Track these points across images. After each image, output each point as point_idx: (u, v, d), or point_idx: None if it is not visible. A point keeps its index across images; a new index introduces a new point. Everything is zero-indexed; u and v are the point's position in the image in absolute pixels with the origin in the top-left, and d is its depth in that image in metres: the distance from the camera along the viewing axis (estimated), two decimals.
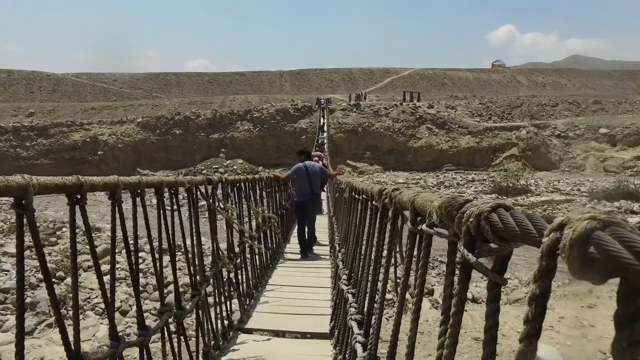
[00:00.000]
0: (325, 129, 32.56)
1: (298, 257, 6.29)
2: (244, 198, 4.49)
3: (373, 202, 2.00)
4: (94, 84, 70.91)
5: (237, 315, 3.68)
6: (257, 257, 4.69)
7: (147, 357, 1.98)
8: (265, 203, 5.82)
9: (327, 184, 9.57)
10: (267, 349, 3.16)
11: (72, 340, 1.39)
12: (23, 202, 1.05)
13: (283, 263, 5.98)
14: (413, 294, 1.00)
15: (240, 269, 3.94)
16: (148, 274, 7.29)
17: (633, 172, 25.98)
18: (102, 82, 72.81)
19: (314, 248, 6.60)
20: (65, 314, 5.74)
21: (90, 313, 6.09)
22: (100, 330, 5.50)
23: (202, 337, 2.82)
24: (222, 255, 3.30)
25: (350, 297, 2.35)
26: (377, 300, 1.60)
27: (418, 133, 33.96)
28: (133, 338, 1.98)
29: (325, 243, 6.86)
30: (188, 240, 2.77)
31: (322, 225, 7.69)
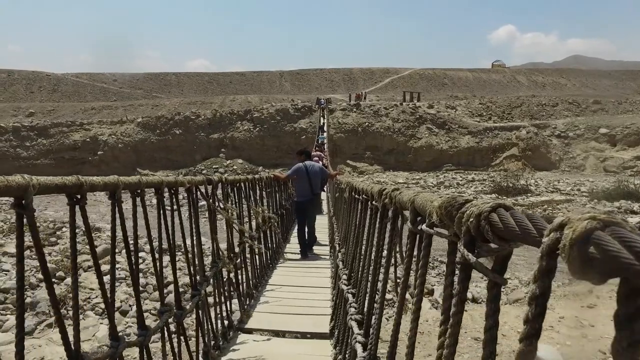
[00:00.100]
0: (325, 129, 32.56)
1: (298, 257, 6.29)
2: (244, 198, 4.49)
3: (373, 202, 2.00)
4: (94, 84, 70.92)
5: (237, 315, 3.68)
6: (257, 257, 4.69)
7: (147, 357, 1.98)
8: (265, 203, 5.82)
9: (327, 184, 9.57)
10: (267, 349, 3.16)
11: (72, 341, 1.40)
12: (23, 202, 1.05)
13: (283, 263, 5.98)
14: (413, 294, 1.00)
15: (240, 269, 3.94)
16: (148, 274, 7.29)
17: (633, 172, 25.98)
18: (102, 82, 72.82)
19: (314, 248, 6.60)
20: (66, 314, 5.74)
21: (91, 313, 6.09)
22: (101, 330, 5.50)
23: (202, 337, 2.82)
24: (222, 255, 3.30)
25: (350, 297, 2.35)
26: (377, 300, 1.60)
27: (418, 133, 33.96)
28: (133, 338, 1.98)
29: (325, 243, 6.86)
30: (188, 240, 2.77)
31: (322, 225, 7.68)
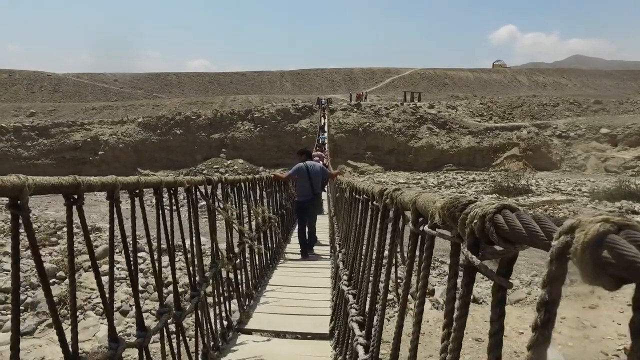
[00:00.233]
0: (326, 129, 32.53)
1: (298, 257, 6.27)
2: (244, 198, 4.48)
3: (374, 202, 1.98)
4: (95, 84, 70.97)
5: (236, 316, 3.67)
6: (256, 257, 4.68)
7: (146, 358, 1.97)
8: (266, 203, 5.80)
9: (327, 184, 9.55)
10: (266, 350, 3.14)
11: (70, 342, 1.38)
12: (18, 202, 1.03)
13: (283, 263, 5.97)
14: (415, 296, 0.98)
15: (240, 269, 3.92)
16: (149, 274, 7.27)
17: (634, 172, 25.95)
18: (103, 82, 72.87)
19: (315, 248, 6.58)
20: (66, 314, 5.75)
21: (91, 313, 6.08)
22: (101, 330, 5.50)
23: (201, 338, 2.80)
24: (221, 256, 3.29)
25: (351, 298, 2.33)
26: (378, 302, 1.58)
27: (419, 133, 33.92)
28: (133, 339, 1.97)
29: (326, 243, 6.85)
30: (187, 241, 2.76)
31: (322, 225, 7.67)
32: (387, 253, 1.52)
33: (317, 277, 5.12)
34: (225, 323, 3.35)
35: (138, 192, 1.89)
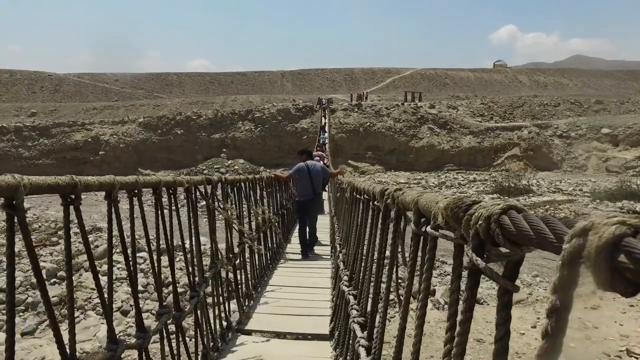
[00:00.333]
0: (327, 129, 32.51)
1: (299, 257, 6.26)
2: (244, 198, 4.46)
3: (375, 202, 1.97)
4: (96, 84, 71.03)
5: (236, 317, 3.65)
6: (256, 257, 4.66)
7: (146, 359, 1.96)
8: (266, 203, 5.79)
9: (328, 184, 9.53)
10: (266, 351, 3.13)
11: (67, 343, 1.37)
12: (14, 202, 1.02)
13: (284, 263, 5.95)
14: (417, 298, 0.97)
15: (240, 270, 3.90)
16: (149, 274, 7.26)
17: (635, 172, 25.89)
18: (103, 82, 72.92)
19: (315, 248, 6.57)
20: (67, 314, 5.74)
21: (92, 313, 6.07)
22: (101, 330, 5.50)
23: (200, 338, 2.79)
24: (220, 256, 3.27)
25: (352, 299, 2.31)
26: (380, 303, 1.56)
27: (419, 133, 33.89)
28: (133, 340, 1.96)
29: (327, 243, 6.83)
30: (187, 241, 2.74)
31: (323, 225, 7.65)
32: (388, 254, 1.50)
33: (317, 277, 5.10)
34: (225, 324, 3.33)
35: (137, 192, 1.88)
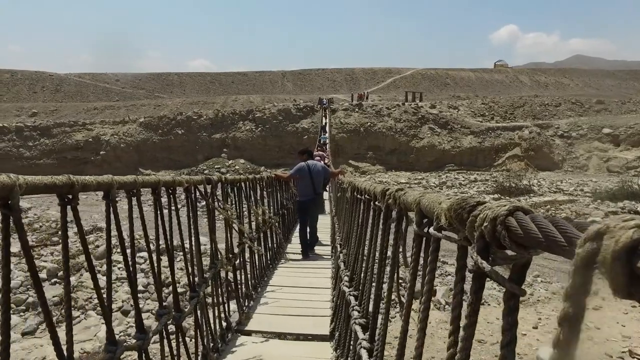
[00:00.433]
0: (327, 129, 32.49)
1: (299, 257, 6.24)
2: (245, 198, 4.44)
3: (376, 202, 1.95)
4: (97, 84, 71.09)
5: (235, 317, 3.64)
6: (256, 257, 4.65)
7: None
8: (266, 203, 5.77)
9: (329, 184, 9.50)
10: (265, 351, 3.11)
11: (65, 345, 1.35)
12: (9, 202, 1.00)
13: (284, 263, 5.94)
14: (420, 300, 0.95)
15: (240, 270, 3.89)
16: (150, 274, 7.25)
17: (637, 172, 25.82)
18: (104, 82, 72.98)
19: (316, 248, 6.55)
20: (71, 312, 5.74)
21: (92, 313, 6.06)
22: (102, 331, 5.49)
23: (200, 339, 2.77)
24: (220, 256, 3.26)
25: (353, 300, 2.30)
26: (382, 306, 1.54)
27: (420, 133, 33.86)
28: (132, 341, 1.94)
29: (327, 243, 6.81)
30: (187, 241, 2.73)
31: (324, 225, 7.64)
32: (390, 254, 1.48)
33: (317, 277, 5.09)
34: (225, 324, 3.32)
35: (135, 192, 1.86)
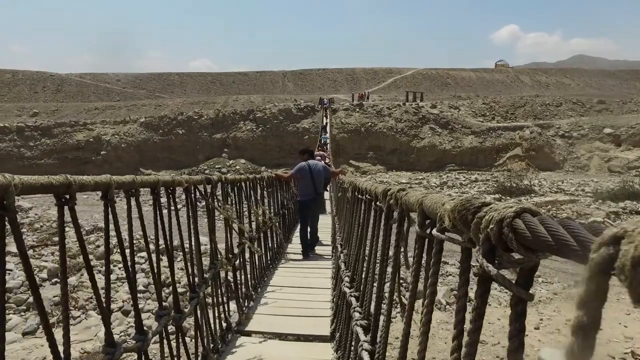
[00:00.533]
0: (328, 129, 32.48)
1: (300, 257, 6.23)
2: (245, 198, 4.43)
3: (377, 202, 1.93)
4: (98, 84, 71.14)
5: (235, 317, 3.62)
6: (256, 257, 4.63)
7: None
8: (267, 203, 5.75)
9: (330, 183, 9.49)
10: (266, 352, 3.10)
11: (62, 347, 1.34)
12: (4, 202, 0.99)
13: (285, 263, 5.92)
14: (423, 303, 0.93)
15: (239, 270, 3.87)
16: (150, 274, 7.23)
17: (638, 172, 25.78)
18: (105, 82, 73.04)
19: (316, 248, 6.54)
20: (68, 314, 5.73)
21: (93, 313, 6.05)
22: (103, 331, 5.46)
23: (200, 340, 2.76)
24: (220, 257, 3.24)
25: (354, 301, 2.28)
26: (384, 308, 1.52)
27: (421, 133, 33.83)
28: (132, 342, 1.93)
29: (328, 243, 6.80)
30: (187, 242, 2.71)
31: (325, 225, 7.62)
32: (392, 256, 1.46)
33: (318, 277, 5.07)
34: (225, 325, 3.30)
35: (134, 191, 1.84)
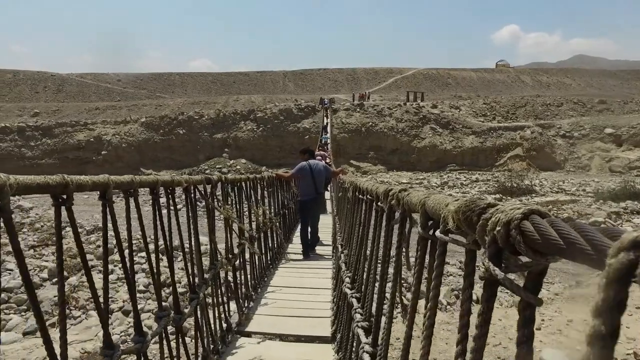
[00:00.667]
0: (329, 129, 32.46)
1: (300, 257, 6.21)
2: (245, 198, 4.41)
3: (378, 203, 1.91)
4: (98, 84, 71.19)
5: (235, 318, 3.60)
6: (256, 258, 4.61)
7: None
8: (267, 203, 5.74)
9: (330, 183, 9.46)
10: (266, 353, 3.08)
11: (59, 349, 1.32)
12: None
13: (285, 264, 5.90)
14: (425, 307, 0.91)
15: (239, 271, 3.85)
16: (150, 274, 7.22)
17: (639, 172, 25.73)
18: (106, 82, 73.08)
19: (317, 248, 6.52)
20: (69, 314, 5.74)
21: (93, 313, 6.04)
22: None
23: (200, 340, 2.74)
24: (220, 257, 3.22)
25: (355, 302, 2.26)
26: (385, 309, 1.50)
27: (422, 133, 33.80)
28: (131, 344, 1.91)
29: (328, 243, 6.78)
30: (187, 242, 2.70)
31: (326, 225, 7.60)
32: (394, 258, 1.44)
33: (318, 277, 5.05)
34: (225, 325, 3.28)
35: (133, 191, 1.83)
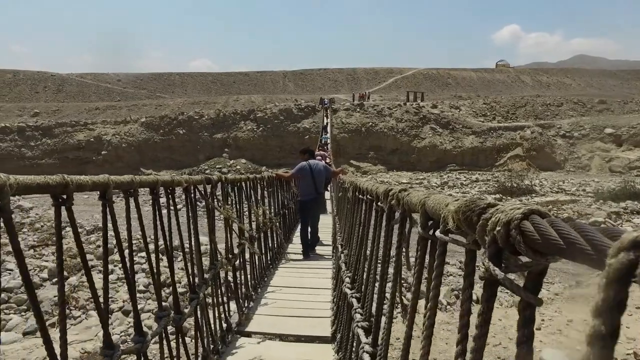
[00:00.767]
0: (329, 129, 32.46)
1: (300, 257, 6.21)
2: (245, 198, 4.41)
3: (378, 203, 1.91)
4: (98, 84, 71.19)
5: (235, 318, 3.60)
6: (256, 258, 4.61)
7: None
8: (267, 203, 5.74)
9: (330, 183, 9.47)
10: (266, 353, 3.08)
11: (59, 350, 1.32)
12: None
13: (285, 264, 5.90)
14: (425, 307, 0.91)
15: (239, 271, 3.85)
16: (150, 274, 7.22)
17: (639, 172, 25.74)
18: (106, 82, 73.09)
19: (317, 248, 6.52)
20: (69, 314, 5.74)
21: (94, 313, 6.04)
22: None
23: (200, 341, 2.74)
24: (220, 257, 3.22)
25: (355, 302, 2.26)
26: (385, 309, 1.50)
27: (422, 133, 33.80)
28: (131, 344, 1.91)
29: (328, 243, 6.78)
30: (187, 242, 2.70)
31: (326, 225, 7.60)
32: (394, 258, 1.44)
33: (318, 277, 5.06)
34: (225, 325, 3.28)
35: (133, 191, 1.83)
